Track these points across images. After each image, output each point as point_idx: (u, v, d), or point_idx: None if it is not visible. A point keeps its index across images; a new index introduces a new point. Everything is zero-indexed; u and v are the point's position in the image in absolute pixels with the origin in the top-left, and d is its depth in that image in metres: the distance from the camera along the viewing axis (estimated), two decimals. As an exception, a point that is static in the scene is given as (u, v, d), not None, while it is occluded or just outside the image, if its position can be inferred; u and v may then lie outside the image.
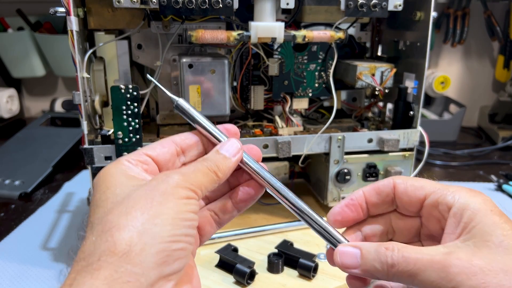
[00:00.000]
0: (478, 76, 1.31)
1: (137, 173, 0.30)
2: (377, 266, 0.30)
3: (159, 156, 0.32)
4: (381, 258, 0.29)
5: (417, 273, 0.28)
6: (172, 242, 0.27)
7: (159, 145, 0.33)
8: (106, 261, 0.25)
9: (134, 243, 0.25)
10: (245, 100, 0.67)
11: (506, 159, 1.02)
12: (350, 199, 0.35)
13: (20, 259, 0.61)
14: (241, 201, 0.36)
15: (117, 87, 0.53)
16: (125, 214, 0.27)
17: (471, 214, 0.29)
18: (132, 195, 0.28)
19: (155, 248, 0.26)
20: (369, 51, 0.76)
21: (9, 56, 1.20)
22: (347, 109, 0.76)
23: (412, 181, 0.33)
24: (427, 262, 0.28)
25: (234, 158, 0.33)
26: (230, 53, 0.64)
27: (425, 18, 0.61)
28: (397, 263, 0.28)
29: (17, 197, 0.81)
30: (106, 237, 0.26)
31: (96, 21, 0.56)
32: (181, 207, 0.28)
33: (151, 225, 0.26)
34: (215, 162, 0.32)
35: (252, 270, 0.52)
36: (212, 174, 0.31)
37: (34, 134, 1.04)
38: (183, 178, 0.29)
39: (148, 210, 0.27)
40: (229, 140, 0.34)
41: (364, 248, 0.31)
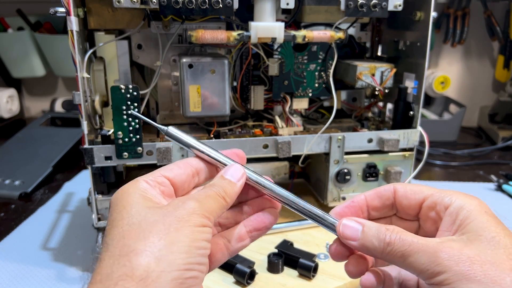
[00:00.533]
0: (478, 76, 1.31)
1: (154, 195, 0.31)
2: (374, 242, 0.31)
3: (176, 178, 0.33)
4: (380, 236, 0.31)
5: (409, 254, 0.29)
6: (186, 270, 0.27)
7: (176, 166, 0.34)
8: (123, 286, 0.25)
9: (152, 269, 0.26)
10: (245, 100, 0.67)
11: (506, 159, 1.02)
12: (351, 201, 0.36)
13: (20, 259, 0.61)
14: (255, 229, 0.36)
15: (117, 87, 0.53)
16: (143, 238, 0.27)
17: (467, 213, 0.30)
18: (149, 219, 0.28)
19: (171, 275, 0.26)
20: (369, 51, 0.76)
21: (9, 56, 1.20)
22: (347, 109, 0.76)
23: (411, 186, 0.35)
24: (420, 246, 0.29)
25: (239, 183, 0.34)
26: (230, 53, 0.64)
27: (425, 18, 0.61)
28: (393, 243, 0.30)
29: (17, 197, 0.81)
30: (124, 261, 0.26)
31: (96, 21, 0.56)
32: (196, 235, 0.28)
33: (168, 252, 0.27)
34: (222, 188, 0.33)
35: (252, 270, 0.52)
36: (221, 199, 0.32)
37: (34, 134, 1.04)
38: (198, 205, 0.30)
39: (165, 236, 0.27)
40: (233, 165, 0.35)
41: (367, 225, 0.33)
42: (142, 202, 0.30)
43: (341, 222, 0.34)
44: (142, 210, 0.29)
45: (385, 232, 0.31)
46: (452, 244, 0.29)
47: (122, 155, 0.55)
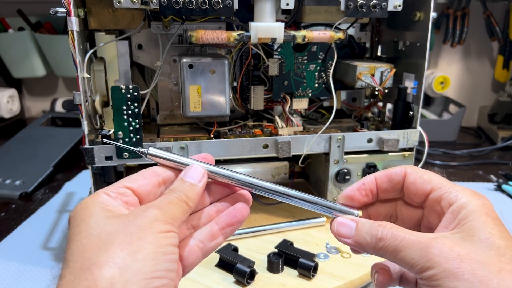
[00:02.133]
0: (477, 76, 1.31)
1: (115, 206, 0.30)
2: (367, 238, 0.32)
3: (140, 188, 0.32)
4: (372, 232, 0.32)
5: (401, 249, 0.30)
6: (153, 278, 0.26)
7: (141, 176, 0.33)
8: None
9: (116, 281, 0.25)
10: (245, 100, 0.67)
11: (506, 159, 1.02)
12: (362, 183, 0.36)
13: (20, 259, 0.62)
14: (228, 225, 0.35)
15: (117, 87, 0.53)
16: (105, 250, 0.26)
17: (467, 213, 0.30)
18: (109, 230, 0.27)
19: (137, 285, 0.25)
20: (369, 51, 0.76)
21: (9, 56, 1.20)
22: (347, 109, 0.76)
23: (422, 173, 0.34)
24: (412, 242, 0.29)
25: (200, 184, 0.33)
26: (230, 53, 0.64)
27: (425, 18, 0.61)
28: (385, 238, 0.31)
29: (18, 197, 0.81)
30: (85, 275, 0.25)
31: (97, 21, 0.56)
32: (160, 241, 0.27)
33: (132, 261, 0.26)
34: (183, 192, 0.32)
35: (252, 269, 0.53)
36: (183, 204, 0.31)
37: (34, 134, 1.04)
38: (160, 212, 0.29)
39: (128, 246, 0.26)
40: (192, 166, 0.34)
41: (360, 222, 0.33)
42: (101, 213, 0.28)
43: (335, 221, 0.35)
44: (100, 221, 0.28)
45: (378, 228, 0.31)
46: (444, 241, 0.29)
47: (123, 155, 0.55)
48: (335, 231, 0.34)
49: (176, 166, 0.34)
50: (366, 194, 0.36)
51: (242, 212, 0.36)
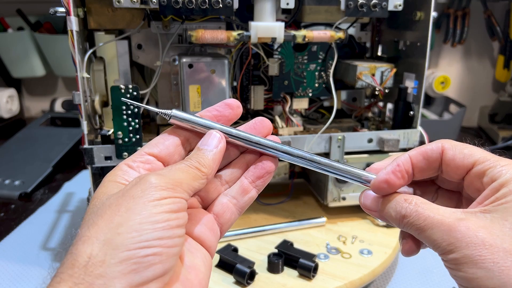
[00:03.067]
0: (478, 76, 1.31)
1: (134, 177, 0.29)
2: (392, 213, 0.31)
3: (162, 152, 0.32)
4: (397, 208, 0.31)
5: (424, 229, 0.29)
6: (140, 248, 0.25)
7: (161, 139, 0.32)
8: (66, 273, 0.24)
9: (94, 255, 0.25)
10: (245, 100, 0.67)
11: (506, 159, 1.02)
12: (397, 165, 0.33)
13: (20, 259, 0.61)
14: (258, 178, 0.34)
15: (117, 87, 0.53)
16: (92, 225, 0.26)
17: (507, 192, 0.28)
18: (104, 203, 0.27)
19: (118, 257, 0.25)
20: (369, 51, 0.76)
21: (9, 56, 1.20)
22: (347, 109, 0.76)
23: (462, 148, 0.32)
24: (436, 222, 0.28)
25: (216, 149, 0.32)
26: (230, 53, 0.64)
27: (425, 18, 0.61)
28: (409, 216, 0.30)
29: (17, 197, 0.81)
30: (71, 249, 0.25)
31: (96, 21, 0.56)
32: (150, 210, 0.26)
33: (114, 234, 0.25)
34: (195, 159, 0.31)
35: (252, 270, 0.52)
36: (194, 170, 0.30)
37: (34, 134, 1.04)
38: (157, 178, 0.28)
39: (113, 218, 0.26)
40: (208, 133, 0.33)
41: (386, 197, 0.32)
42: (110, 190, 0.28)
43: (363, 194, 0.34)
44: (104, 197, 0.28)
45: (403, 203, 0.30)
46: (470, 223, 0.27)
47: (122, 155, 0.55)
48: (362, 204, 0.34)
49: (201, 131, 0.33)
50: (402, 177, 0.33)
51: (270, 164, 0.35)
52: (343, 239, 0.62)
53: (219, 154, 0.32)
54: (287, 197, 0.73)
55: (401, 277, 0.59)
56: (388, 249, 0.59)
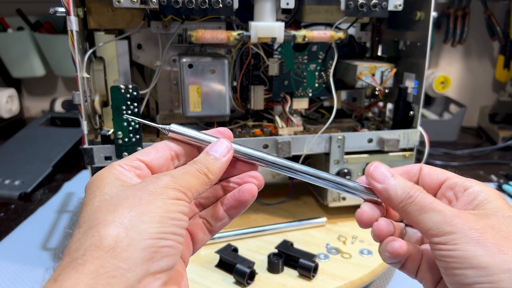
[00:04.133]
0: (478, 76, 1.31)
1: (129, 177, 0.30)
2: (398, 191, 0.32)
3: (153, 162, 0.32)
4: (406, 188, 0.32)
5: (426, 210, 0.30)
6: (159, 239, 0.26)
7: (153, 149, 0.33)
8: (91, 256, 0.25)
9: (121, 239, 0.25)
10: (245, 100, 0.67)
11: (506, 159, 1.02)
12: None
13: (20, 259, 0.61)
14: (232, 208, 0.35)
15: (117, 87, 0.53)
16: (113, 211, 0.27)
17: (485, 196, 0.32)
18: (120, 194, 0.28)
19: (142, 244, 0.26)
20: (369, 51, 0.76)
21: (9, 56, 1.20)
22: (347, 109, 0.76)
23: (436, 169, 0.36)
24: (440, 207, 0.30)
25: (224, 158, 0.33)
26: (230, 53, 0.64)
27: (425, 18, 0.60)
28: (415, 197, 0.31)
29: (17, 197, 0.81)
30: (92, 232, 0.26)
31: (96, 21, 0.56)
32: (169, 206, 0.28)
33: (138, 222, 0.26)
34: (205, 164, 0.32)
35: (252, 270, 0.52)
36: (202, 176, 0.31)
37: (34, 134, 1.04)
38: (172, 180, 0.29)
39: (135, 208, 0.27)
40: (218, 141, 0.34)
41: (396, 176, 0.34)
42: (116, 182, 0.29)
43: (372, 164, 0.35)
44: (115, 188, 0.28)
45: (412, 186, 0.32)
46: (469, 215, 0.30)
47: (122, 155, 0.55)
48: (369, 172, 0.35)
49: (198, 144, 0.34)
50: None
51: (246, 196, 0.35)
52: (343, 239, 0.62)
53: (225, 164, 0.33)
54: (287, 197, 0.73)
55: (401, 277, 0.59)
56: (388, 249, 0.59)
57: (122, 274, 0.25)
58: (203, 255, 0.57)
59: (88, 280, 0.24)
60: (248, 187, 0.35)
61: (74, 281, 0.24)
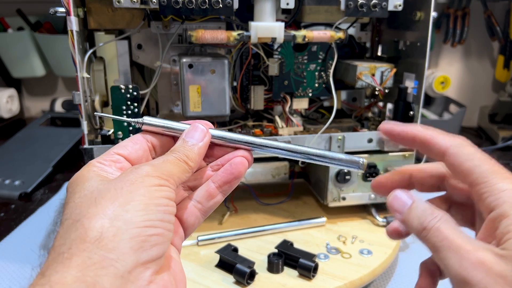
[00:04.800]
0: (478, 76, 1.31)
1: (110, 172, 0.30)
2: (415, 222, 0.30)
3: (132, 154, 0.32)
4: (421, 218, 0.29)
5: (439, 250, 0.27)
6: (147, 227, 0.26)
7: (130, 142, 0.33)
8: (77, 248, 0.24)
9: (106, 229, 0.25)
10: (245, 100, 0.67)
11: (506, 159, 1.02)
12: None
13: (20, 259, 0.61)
14: (225, 183, 0.34)
15: (117, 87, 0.53)
16: (95, 204, 0.26)
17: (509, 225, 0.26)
18: (100, 188, 0.27)
19: (129, 233, 0.25)
20: (369, 51, 0.76)
21: (9, 56, 1.20)
22: (347, 109, 0.76)
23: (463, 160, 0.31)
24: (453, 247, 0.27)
25: (201, 143, 0.33)
26: (230, 53, 0.64)
27: (425, 18, 0.60)
28: (429, 230, 0.28)
29: (17, 197, 0.81)
30: (76, 226, 0.25)
31: (96, 21, 0.56)
32: (152, 193, 0.27)
33: (123, 211, 0.26)
34: (183, 152, 0.31)
35: (252, 270, 0.52)
36: (182, 164, 0.31)
37: (34, 134, 1.04)
38: (153, 168, 0.29)
39: (118, 198, 0.26)
40: (193, 126, 0.33)
41: (415, 203, 0.31)
42: (96, 178, 0.29)
43: (394, 193, 0.32)
44: (95, 183, 0.28)
45: (428, 216, 0.29)
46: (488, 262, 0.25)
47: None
48: (389, 204, 0.32)
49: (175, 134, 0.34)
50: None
51: (239, 168, 0.34)
52: (343, 239, 0.62)
53: (203, 149, 0.33)
54: (287, 197, 0.73)
55: (401, 277, 0.59)
56: (388, 249, 0.59)
57: (111, 264, 0.24)
58: (203, 255, 0.57)
59: (75, 273, 0.23)
60: (239, 160, 0.34)
61: (61, 274, 0.23)
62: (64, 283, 0.23)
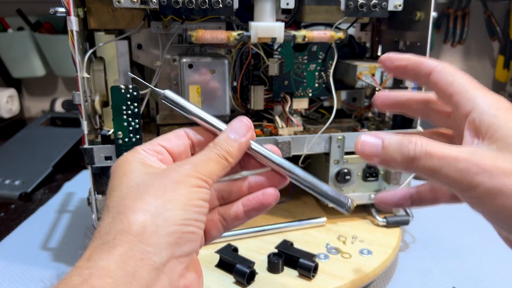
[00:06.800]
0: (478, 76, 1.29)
1: (153, 161, 0.32)
2: (397, 157, 0.30)
3: (174, 148, 0.34)
4: (403, 150, 0.29)
5: (439, 170, 0.28)
6: (183, 225, 0.28)
7: (174, 136, 0.34)
8: (121, 239, 0.27)
9: (148, 225, 0.27)
10: (245, 100, 0.67)
11: (506, 159, 1.02)
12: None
13: (20, 259, 0.61)
14: (253, 210, 0.36)
15: (117, 87, 0.53)
16: (140, 199, 0.28)
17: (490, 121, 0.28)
18: (146, 183, 0.29)
19: (167, 229, 0.27)
20: (369, 51, 0.76)
21: (9, 56, 1.20)
22: (347, 109, 0.76)
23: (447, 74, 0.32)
24: (451, 159, 0.28)
25: (243, 139, 0.33)
26: (230, 53, 0.64)
27: (425, 18, 0.61)
28: (419, 157, 0.28)
29: (17, 197, 0.81)
30: (121, 218, 0.28)
31: (96, 21, 0.56)
32: (192, 194, 0.29)
33: (164, 209, 0.28)
34: (225, 148, 0.32)
35: (252, 270, 0.52)
36: (223, 161, 0.32)
37: (34, 134, 1.04)
38: (194, 168, 0.30)
39: (161, 196, 0.28)
40: (238, 119, 0.34)
41: (386, 139, 0.30)
42: (142, 169, 0.31)
43: (359, 139, 0.31)
44: (140, 175, 0.30)
45: (408, 145, 0.29)
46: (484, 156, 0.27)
47: (122, 154, 0.55)
48: (359, 151, 0.31)
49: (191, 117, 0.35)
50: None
51: (270, 199, 0.35)
52: (343, 239, 0.62)
53: (245, 144, 0.34)
54: (287, 197, 0.73)
55: (401, 277, 0.59)
56: (388, 249, 0.59)
57: (149, 257, 0.26)
58: (203, 255, 0.57)
59: (118, 262, 0.26)
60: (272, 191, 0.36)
61: (106, 262, 0.26)
62: (107, 269, 0.25)
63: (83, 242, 0.65)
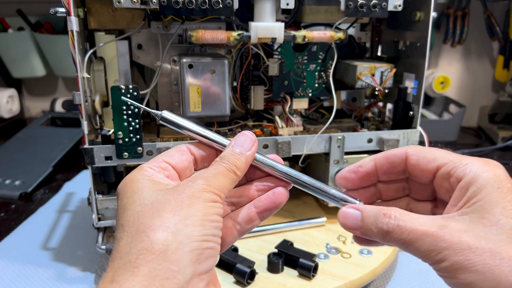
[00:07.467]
0: (478, 76, 1.31)
1: (161, 178, 0.32)
2: (374, 230, 0.31)
3: (178, 164, 0.34)
4: (378, 224, 0.30)
5: (409, 243, 0.29)
6: (203, 241, 0.28)
7: (178, 152, 0.34)
8: (144, 259, 0.26)
9: (170, 242, 0.27)
10: (245, 100, 0.67)
11: (506, 159, 1.02)
12: (359, 166, 0.36)
13: (20, 259, 0.62)
14: (265, 210, 0.36)
15: (117, 87, 0.53)
16: (158, 216, 0.28)
17: (476, 190, 0.29)
18: (161, 199, 0.29)
19: (189, 246, 0.27)
20: (369, 51, 0.76)
21: (9, 56, 1.20)
22: (347, 109, 0.76)
23: (425, 153, 0.33)
24: (420, 234, 0.29)
25: (249, 152, 0.34)
26: (230, 53, 0.64)
27: (425, 18, 0.61)
28: (392, 231, 0.30)
29: (17, 197, 0.81)
30: (141, 237, 0.27)
31: (96, 21, 0.56)
32: (208, 209, 0.29)
33: (183, 225, 0.28)
34: (232, 161, 0.33)
35: (252, 270, 0.52)
36: (231, 174, 0.32)
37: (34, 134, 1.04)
38: (206, 183, 0.30)
39: (178, 212, 0.28)
40: (243, 134, 0.34)
41: (365, 212, 0.32)
42: (151, 186, 0.30)
43: (341, 211, 0.33)
44: (153, 192, 0.30)
45: (383, 219, 0.30)
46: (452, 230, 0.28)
47: (122, 155, 0.55)
48: (341, 223, 0.33)
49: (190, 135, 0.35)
50: (362, 177, 0.35)
51: (281, 197, 0.36)
52: (343, 239, 0.62)
53: (251, 158, 0.34)
54: (287, 197, 0.73)
55: (401, 277, 0.59)
56: (388, 249, 0.59)
57: (174, 276, 0.26)
58: (203, 255, 0.57)
59: (143, 282, 0.25)
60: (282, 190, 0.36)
61: (130, 283, 0.25)
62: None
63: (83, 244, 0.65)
